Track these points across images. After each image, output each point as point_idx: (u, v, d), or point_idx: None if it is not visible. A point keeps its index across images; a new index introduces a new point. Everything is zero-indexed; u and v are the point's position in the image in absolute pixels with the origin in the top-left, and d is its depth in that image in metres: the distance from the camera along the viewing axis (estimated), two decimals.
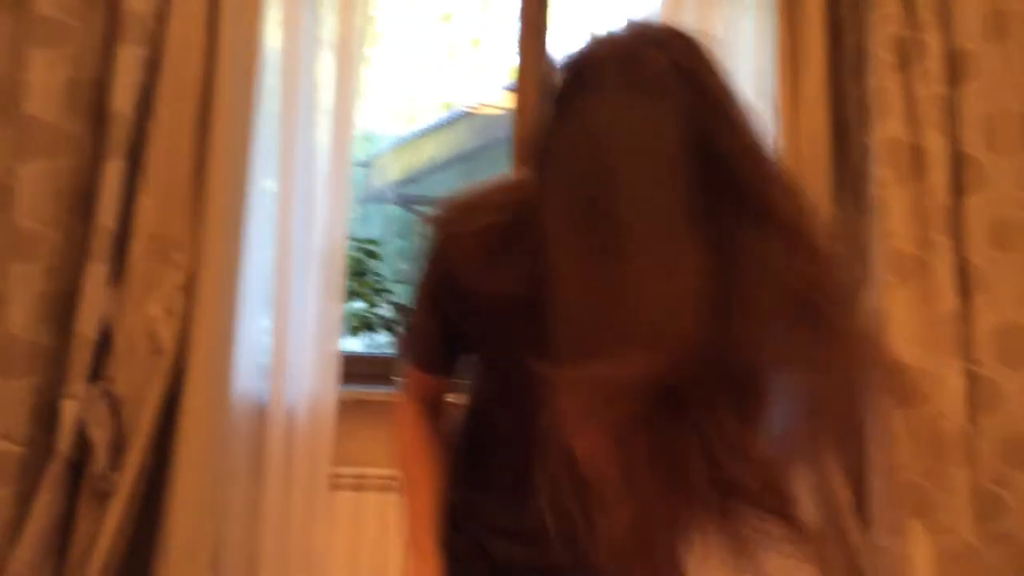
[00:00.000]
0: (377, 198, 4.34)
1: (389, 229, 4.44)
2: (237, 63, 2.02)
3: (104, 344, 1.91)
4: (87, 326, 1.87)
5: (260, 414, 2.06)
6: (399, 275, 2.62)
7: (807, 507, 0.82)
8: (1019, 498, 1.94)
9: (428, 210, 1.09)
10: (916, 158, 2.01)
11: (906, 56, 2.04)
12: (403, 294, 2.80)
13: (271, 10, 2.11)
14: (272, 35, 2.12)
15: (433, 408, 1.23)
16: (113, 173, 1.92)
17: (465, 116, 4.17)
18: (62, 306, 1.92)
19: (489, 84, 3.75)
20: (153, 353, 1.91)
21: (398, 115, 4.20)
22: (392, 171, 4.46)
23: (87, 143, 1.98)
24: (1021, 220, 2.01)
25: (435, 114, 4.26)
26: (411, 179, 4.49)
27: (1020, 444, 1.95)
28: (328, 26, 2.15)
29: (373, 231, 4.27)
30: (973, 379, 1.97)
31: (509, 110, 2.34)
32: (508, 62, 2.39)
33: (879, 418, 1.90)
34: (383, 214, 4.39)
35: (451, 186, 4.39)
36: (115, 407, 1.89)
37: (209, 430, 1.93)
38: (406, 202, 4.57)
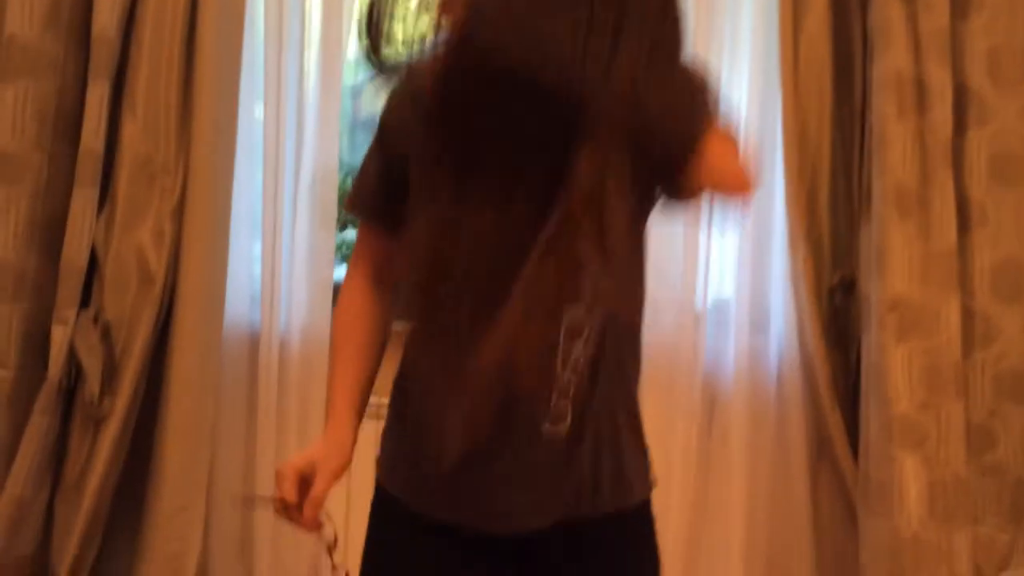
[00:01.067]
0: (367, 125, 4.27)
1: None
2: None
3: (93, 270, 1.88)
4: (76, 252, 1.84)
5: (253, 342, 2.04)
6: None
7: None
8: (1011, 431, 1.96)
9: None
10: (919, 92, 1.98)
11: None
12: None
13: None
14: None
15: (384, 276, 1.15)
16: (97, 95, 1.87)
17: None
18: (50, 231, 1.89)
19: None
20: (143, 279, 1.88)
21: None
22: (380, 98, 4.38)
23: (70, 64, 1.92)
24: (1023, 154, 1.99)
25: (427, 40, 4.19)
26: None
27: (1013, 378, 1.96)
28: None
29: (360, 159, 4.22)
30: (969, 314, 1.97)
31: None
32: None
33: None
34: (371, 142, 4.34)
35: None
36: (106, 333, 1.87)
37: (201, 356, 1.92)
38: None
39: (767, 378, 2.04)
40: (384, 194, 1.09)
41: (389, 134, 1.09)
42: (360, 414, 1.11)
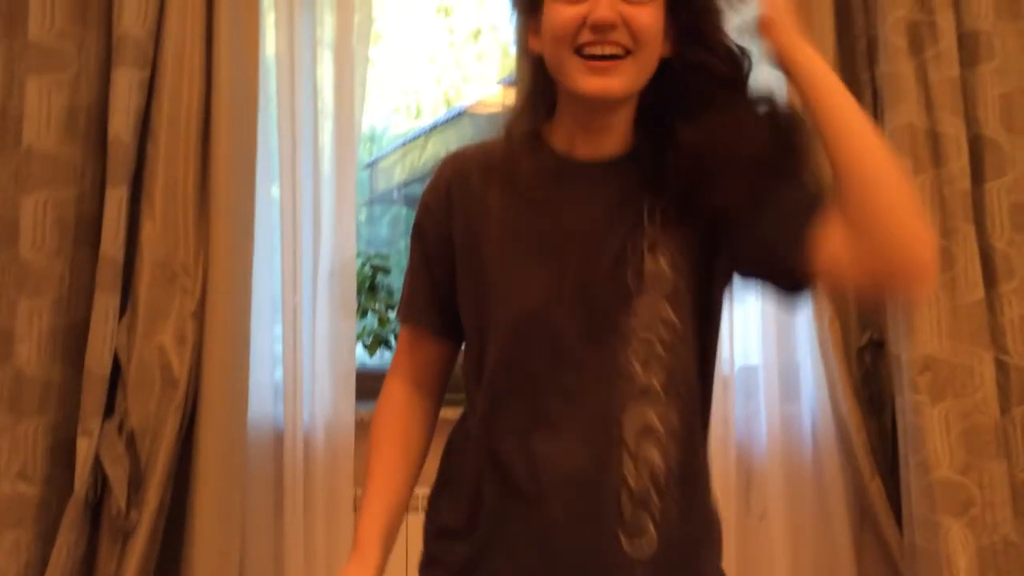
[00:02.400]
0: (383, 199, 4.31)
1: (396, 230, 4.41)
2: (237, 77, 1.98)
3: (117, 376, 1.88)
4: (98, 360, 1.84)
5: (277, 438, 2.03)
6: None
7: None
8: None
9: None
10: (933, 144, 1.96)
11: (918, 40, 1.99)
12: None
13: (268, 16, 2.07)
14: (270, 41, 2.08)
15: (426, 386, 1.19)
16: (115, 200, 1.88)
17: (467, 112, 4.13)
18: (72, 340, 1.89)
19: (490, 79, 3.70)
20: (166, 383, 1.88)
21: (401, 113, 4.16)
22: (397, 171, 4.42)
23: (88, 171, 1.94)
24: None
25: (438, 112, 4.22)
26: (416, 179, 4.46)
27: None
28: (327, 27, 2.11)
29: (381, 232, 4.23)
30: (1003, 368, 1.92)
31: (509, 105, 2.29)
32: (507, 56, 2.35)
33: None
34: (390, 215, 4.36)
35: None
36: (131, 442, 1.86)
37: (226, 457, 1.91)
38: (412, 202, 4.54)
39: (802, 447, 2.00)
40: (437, 302, 1.15)
41: (433, 244, 1.15)
42: (390, 542, 1.12)
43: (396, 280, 2.54)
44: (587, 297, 1.04)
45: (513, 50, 2.38)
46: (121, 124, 1.90)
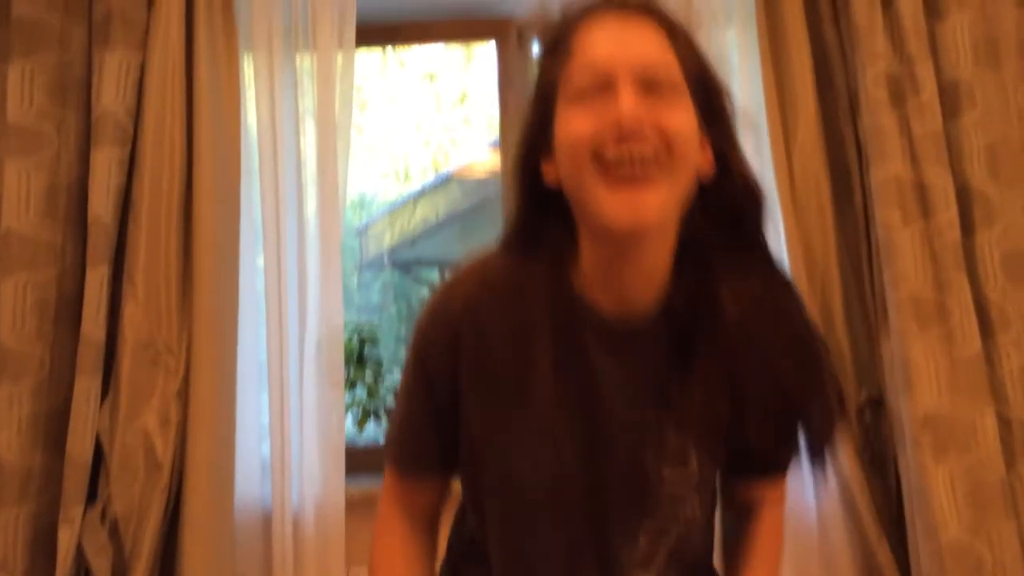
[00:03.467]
0: (373, 265, 4.29)
1: (387, 295, 4.38)
2: (218, 150, 1.97)
3: (99, 462, 1.84)
4: (80, 446, 1.80)
5: (265, 519, 1.97)
6: (398, 361, 2.55)
7: None
8: None
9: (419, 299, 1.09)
10: (921, 196, 1.94)
11: (899, 92, 1.98)
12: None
13: (249, 88, 2.06)
14: (252, 112, 2.06)
15: (424, 520, 1.13)
16: (96, 280, 1.86)
17: (455, 177, 4.13)
18: (53, 425, 1.85)
19: (477, 143, 3.71)
20: (151, 467, 1.83)
21: (389, 179, 4.16)
22: (386, 236, 4.42)
23: (68, 251, 1.92)
24: None
25: (426, 176, 4.23)
26: (406, 243, 4.44)
27: None
28: (309, 97, 2.10)
29: (372, 298, 4.21)
30: (1005, 423, 1.88)
31: (497, 169, 2.28)
32: (493, 120, 2.35)
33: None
34: (380, 280, 4.34)
35: (446, 248, 4.36)
36: (114, 529, 1.81)
37: (213, 541, 1.85)
38: (402, 267, 4.52)
39: (806, 510, 1.95)
40: (437, 451, 1.07)
41: (439, 390, 1.04)
42: None
43: (385, 350, 2.51)
44: (603, 476, 0.99)
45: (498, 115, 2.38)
46: (101, 203, 1.88)
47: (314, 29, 2.07)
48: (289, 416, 1.99)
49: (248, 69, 2.07)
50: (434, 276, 4.50)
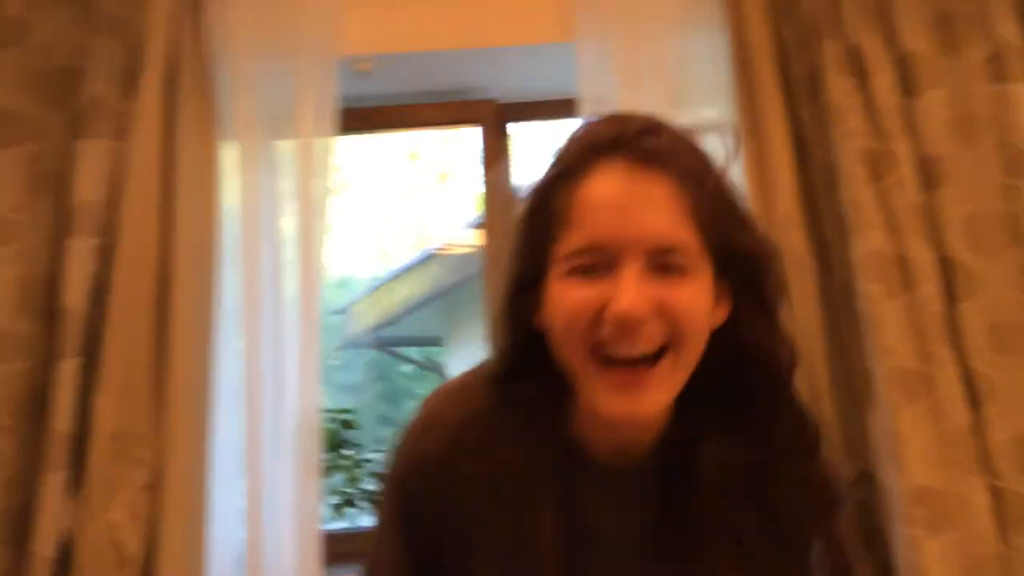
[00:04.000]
0: (355, 344, 4.27)
1: (369, 375, 4.34)
2: (195, 235, 1.96)
3: (65, 559, 1.77)
4: (45, 543, 1.74)
5: None
6: (379, 442, 2.50)
7: None
8: None
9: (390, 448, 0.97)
10: (903, 270, 1.94)
11: (877, 167, 1.99)
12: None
13: (227, 171, 2.05)
14: (230, 195, 2.05)
15: None
16: (67, 372, 1.82)
17: (437, 255, 4.14)
18: (18, 522, 1.78)
19: (458, 220, 3.72)
20: (119, 564, 1.77)
21: (371, 258, 4.16)
22: (368, 315, 4.40)
23: (39, 343, 1.88)
24: (1020, 321, 1.92)
25: (408, 255, 4.24)
26: (388, 322, 4.43)
27: None
28: (288, 179, 2.08)
29: (354, 378, 4.17)
30: (997, 495, 1.85)
31: (479, 247, 2.27)
32: (475, 197, 2.35)
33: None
34: (362, 360, 4.32)
35: (428, 325, 4.34)
36: None
37: None
38: (384, 345, 4.50)
39: None
40: None
41: (422, 530, 0.94)
42: None
43: (365, 435, 2.46)
44: None
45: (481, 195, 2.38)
46: (75, 293, 1.86)
47: (295, 116, 2.07)
48: (264, 504, 1.93)
49: (228, 153, 2.07)
50: (416, 355, 4.48)
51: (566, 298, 0.84)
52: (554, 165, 0.90)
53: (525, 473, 0.90)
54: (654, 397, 0.85)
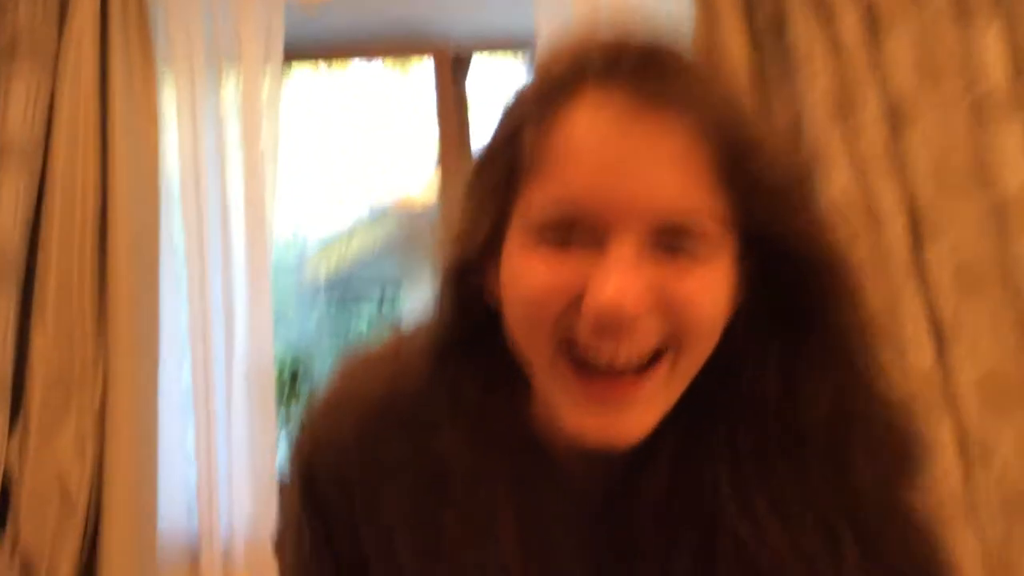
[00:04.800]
0: (309, 300, 4.19)
1: (323, 330, 4.28)
2: (135, 177, 1.88)
3: (5, 498, 1.70)
4: None
5: (193, 555, 1.84)
6: None
7: None
8: None
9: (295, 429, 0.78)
10: (869, 211, 1.93)
11: (842, 109, 1.97)
12: None
13: (170, 108, 1.96)
14: (173, 133, 1.96)
15: None
16: (2, 311, 1.74)
17: (392, 208, 4.07)
18: None
19: (414, 172, 3.66)
20: (65, 501, 1.70)
21: (325, 212, 4.08)
22: (323, 268, 4.32)
23: None
24: (985, 263, 1.93)
25: (362, 209, 4.16)
26: (343, 275, 4.36)
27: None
28: (234, 122, 2.00)
29: (306, 330, 4.10)
30: (963, 434, 1.85)
31: (434, 198, 2.22)
32: (431, 149, 2.30)
33: None
34: (316, 316, 4.24)
35: (383, 278, 4.29)
36: (26, 570, 1.66)
37: None
38: (339, 298, 4.43)
39: None
40: None
41: (334, 516, 0.76)
42: None
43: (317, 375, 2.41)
44: None
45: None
46: (6, 231, 1.78)
47: (239, 43, 1.98)
48: (216, 448, 1.88)
49: (168, 88, 1.98)
50: (372, 309, 4.43)
51: (529, 276, 0.62)
52: (523, 92, 0.66)
53: (470, 473, 0.70)
54: (640, 419, 0.63)
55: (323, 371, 2.67)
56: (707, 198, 0.60)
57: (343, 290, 4.34)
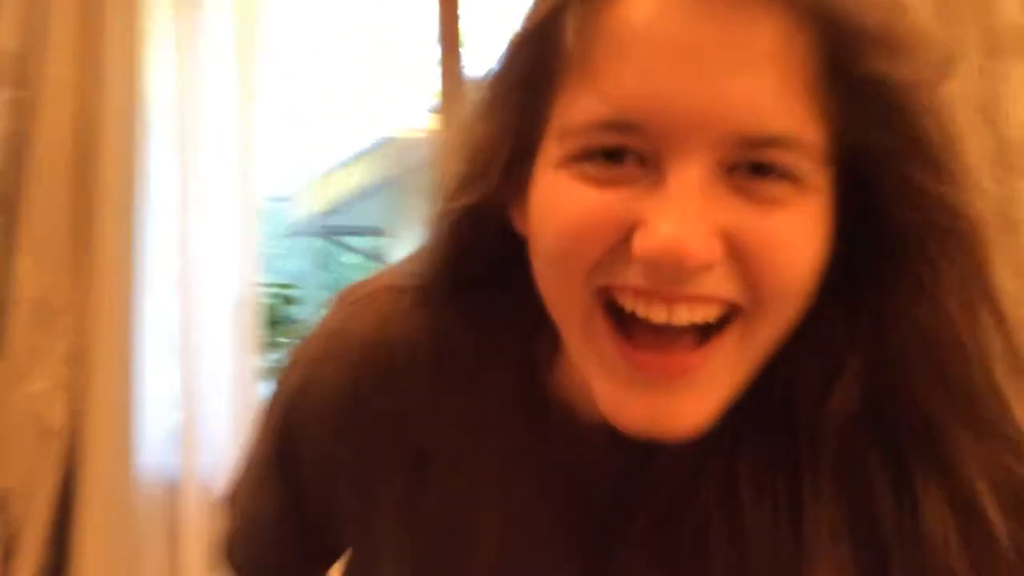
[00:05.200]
0: (300, 232, 4.15)
1: (314, 263, 4.25)
2: (120, 101, 1.81)
3: None
4: None
5: (172, 491, 1.83)
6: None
7: None
8: None
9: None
10: None
11: None
12: None
13: (159, 37, 1.90)
14: (159, 62, 1.90)
15: None
16: None
17: (389, 141, 4.00)
18: None
19: (411, 106, 3.58)
20: (42, 435, 1.68)
21: (320, 144, 4.02)
22: (316, 203, 4.27)
23: None
24: None
25: (358, 141, 4.09)
26: (336, 210, 4.30)
27: None
28: (226, 44, 1.93)
29: (297, 267, 4.07)
30: None
31: (432, 132, 2.17)
32: (429, 82, 2.24)
33: None
34: (307, 248, 4.21)
35: (378, 214, 4.24)
36: (2, 503, 1.66)
37: (113, 518, 1.71)
38: (332, 234, 4.38)
39: None
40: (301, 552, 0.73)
41: (311, 501, 0.68)
42: None
43: (304, 310, 2.40)
44: None
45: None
46: None
47: None
48: (199, 381, 1.85)
49: (159, 9, 1.91)
50: (362, 245, 4.37)
51: (566, 203, 0.48)
52: None
53: (453, 451, 0.60)
54: (699, 404, 0.49)
55: (313, 308, 2.65)
56: (806, 115, 0.46)
57: (336, 224, 4.30)
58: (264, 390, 1.89)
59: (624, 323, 0.49)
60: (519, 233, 0.56)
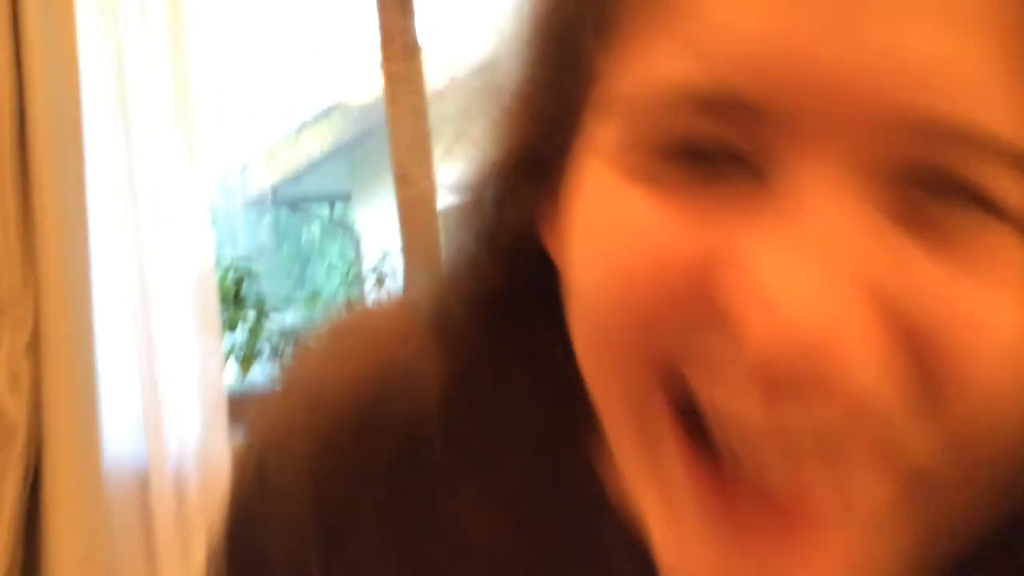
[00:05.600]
0: (256, 203, 4.08)
1: (272, 233, 4.19)
2: (52, 76, 1.74)
3: None
4: None
5: (141, 480, 1.79)
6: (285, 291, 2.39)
7: None
8: None
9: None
10: None
11: None
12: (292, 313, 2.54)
13: (90, 8, 1.82)
14: (94, 36, 1.82)
15: None
16: None
17: (339, 106, 3.92)
18: None
19: (359, 69, 3.51)
20: (3, 432, 1.64)
21: (270, 113, 3.94)
22: (269, 172, 4.19)
23: None
24: None
25: (308, 108, 4.01)
26: (291, 178, 4.24)
27: None
28: (163, 20, 1.86)
29: (255, 238, 4.01)
30: None
31: (382, 94, 2.12)
32: (374, 44, 2.19)
33: None
34: (264, 219, 4.14)
35: (333, 181, 4.18)
36: None
37: (84, 511, 1.68)
38: (288, 203, 4.32)
39: None
40: None
41: None
42: None
43: (266, 285, 2.35)
44: None
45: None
46: None
47: None
48: (161, 366, 1.81)
49: None
50: (323, 212, 4.30)
51: (622, 224, 0.30)
52: None
53: (470, 542, 0.41)
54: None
55: (269, 283, 2.60)
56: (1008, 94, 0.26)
57: (290, 195, 4.23)
58: (228, 370, 1.86)
59: (702, 429, 0.29)
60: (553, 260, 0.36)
